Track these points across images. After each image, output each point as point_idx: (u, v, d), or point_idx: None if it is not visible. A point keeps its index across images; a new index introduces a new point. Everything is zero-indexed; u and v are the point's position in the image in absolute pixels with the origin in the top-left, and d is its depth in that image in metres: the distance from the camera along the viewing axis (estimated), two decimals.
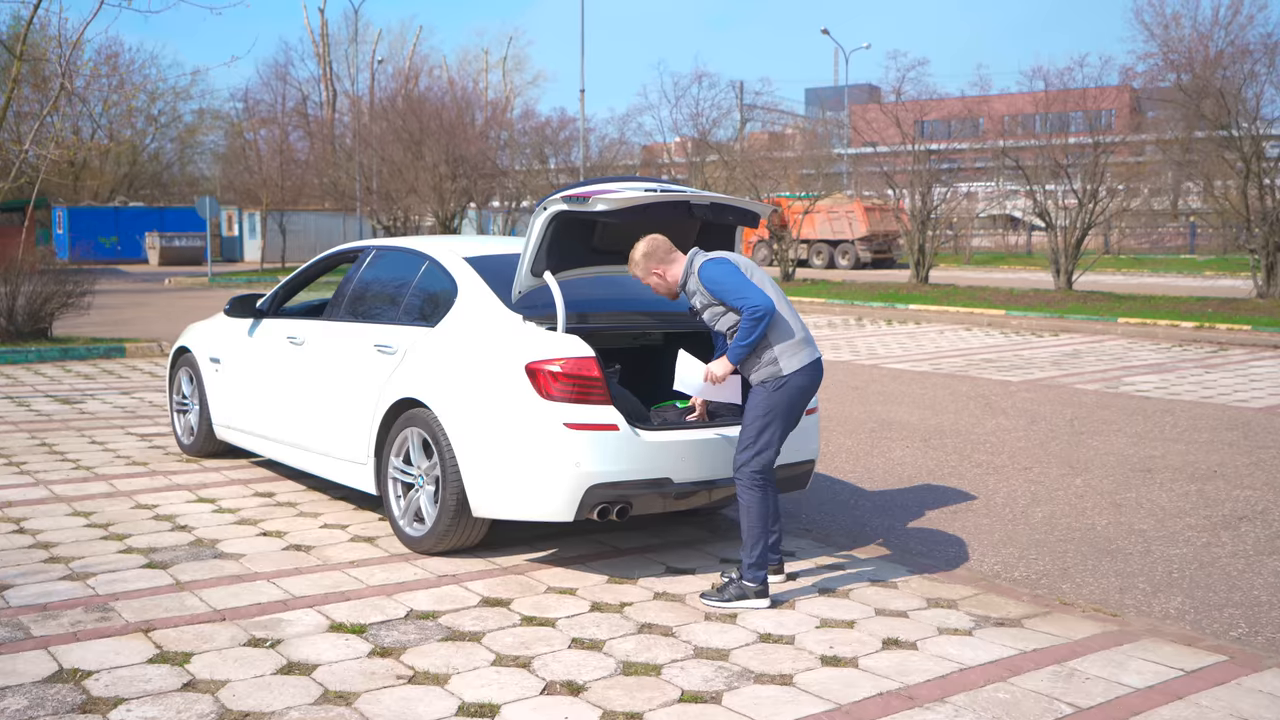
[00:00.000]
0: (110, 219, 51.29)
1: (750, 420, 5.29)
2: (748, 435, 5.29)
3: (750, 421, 5.28)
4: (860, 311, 23.64)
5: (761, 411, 5.26)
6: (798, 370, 5.29)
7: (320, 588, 5.38)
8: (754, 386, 5.30)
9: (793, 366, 5.27)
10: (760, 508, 5.28)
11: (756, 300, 5.15)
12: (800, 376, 5.30)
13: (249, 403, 7.61)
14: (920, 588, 5.59)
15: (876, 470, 8.42)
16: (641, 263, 5.47)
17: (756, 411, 5.27)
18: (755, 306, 5.13)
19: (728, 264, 5.31)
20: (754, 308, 5.13)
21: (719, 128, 35.89)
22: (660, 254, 5.45)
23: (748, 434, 5.29)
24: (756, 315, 5.13)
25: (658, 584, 5.57)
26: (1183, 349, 16.81)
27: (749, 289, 5.19)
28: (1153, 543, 6.54)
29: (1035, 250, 47.63)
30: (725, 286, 5.23)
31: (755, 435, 5.27)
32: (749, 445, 5.28)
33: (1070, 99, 26.92)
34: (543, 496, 5.50)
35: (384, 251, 7.08)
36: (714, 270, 5.28)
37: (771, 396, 5.25)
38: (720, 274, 5.26)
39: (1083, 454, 8.98)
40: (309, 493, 7.31)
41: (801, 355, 5.32)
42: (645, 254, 5.46)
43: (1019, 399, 11.82)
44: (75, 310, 15.76)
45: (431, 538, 5.87)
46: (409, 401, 6.04)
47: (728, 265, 5.30)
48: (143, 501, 6.99)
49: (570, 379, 5.45)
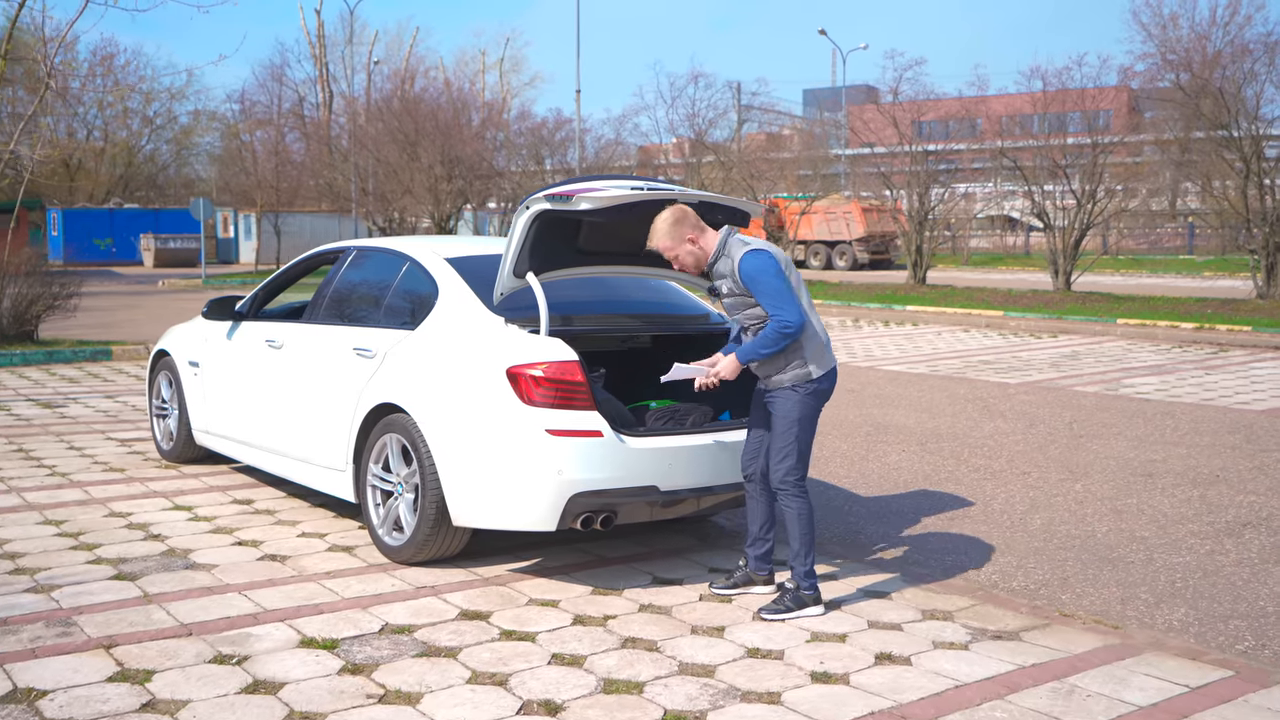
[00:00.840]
0: (105, 221, 51.03)
1: (784, 427, 5.10)
2: (784, 442, 5.10)
3: (785, 428, 5.09)
4: (857, 313, 23.46)
5: (796, 416, 5.08)
6: (825, 374, 5.14)
7: (293, 600, 5.19)
8: (780, 391, 5.10)
9: (822, 369, 5.12)
10: (809, 513, 5.15)
11: (790, 316, 4.92)
12: (827, 380, 5.16)
13: (228, 407, 7.42)
14: (915, 599, 5.41)
15: (872, 475, 8.23)
16: (671, 230, 5.10)
17: (791, 416, 5.08)
18: (787, 323, 4.92)
19: (771, 259, 5.02)
20: (786, 324, 4.92)
21: (715, 128, 35.75)
22: (693, 220, 5.14)
23: (783, 440, 5.10)
24: (787, 332, 4.93)
25: (644, 595, 5.38)
26: (1183, 350, 16.63)
27: (787, 299, 4.95)
28: (1155, 551, 6.36)
29: (1034, 251, 47.49)
30: (763, 286, 4.97)
31: (793, 440, 5.10)
32: (787, 452, 5.10)
33: (1068, 99, 26.71)
34: (524, 505, 5.31)
35: (365, 252, 6.89)
36: (755, 263, 4.99)
37: (804, 401, 5.08)
38: (761, 269, 4.97)
39: (1082, 458, 8.79)
40: (288, 500, 7.12)
41: (827, 358, 5.17)
42: (677, 220, 5.10)
43: (1017, 401, 11.63)
44: (62, 312, 15.56)
45: (411, 547, 5.69)
46: (388, 407, 5.85)
47: (771, 261, 5.01)
48: (117, 509, 6.80)
49: (553, 384, 5.26)
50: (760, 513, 5.39)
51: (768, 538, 5.40)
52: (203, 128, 65.14)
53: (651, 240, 5.20)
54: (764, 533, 5.39)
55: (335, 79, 65.56)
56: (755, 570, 5.42)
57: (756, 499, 5.38)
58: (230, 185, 54.07)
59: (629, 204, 5.36)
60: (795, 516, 5.14)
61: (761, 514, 5.39)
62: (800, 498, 5.14)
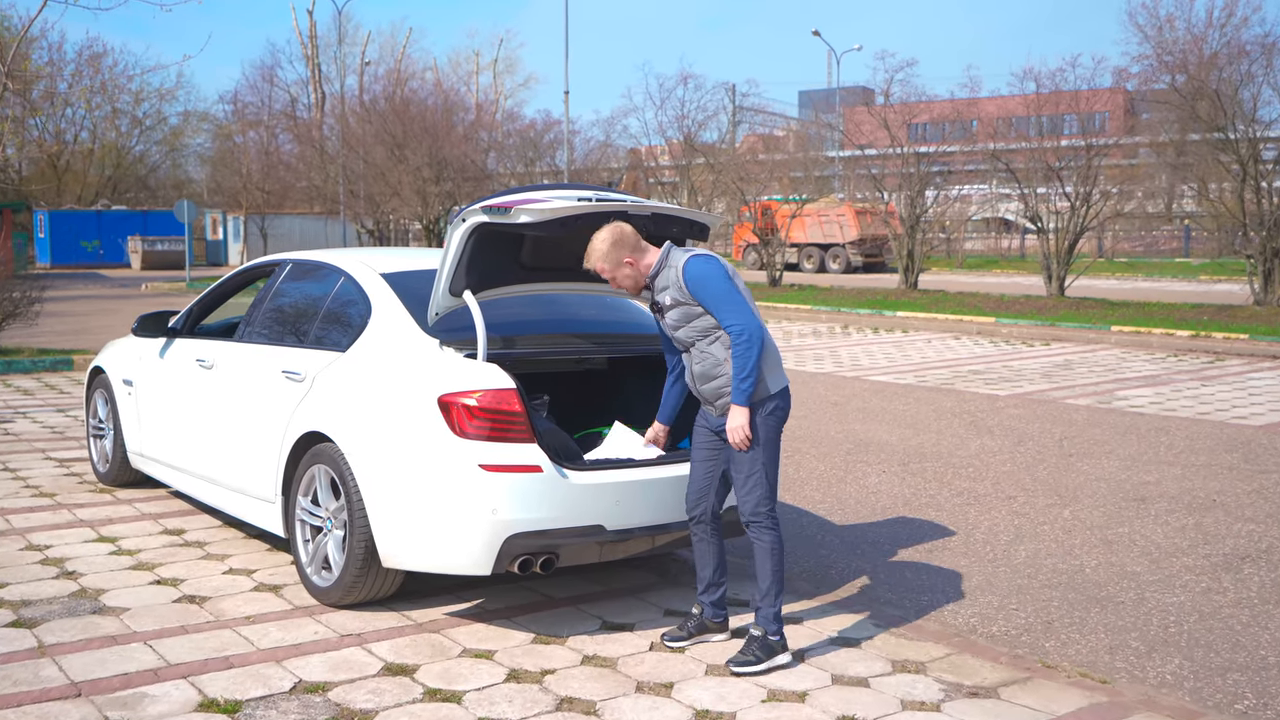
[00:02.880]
0: (92, 222, 50.49)
1: (747, 454, 4.62)
2: (749, 470, 4.62)
3: (748, 456, 4.62)
4: (847, 319, 23.01)
5: (760, 439, 4.61)
6: (781, 390, 4.68)
7: (203, 651, 4.73)
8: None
9: (778, 384, 4.66)
10: (781, 547, 4.70)
11: (744, 320, 4.47)
12: (784, 398, 4.68)
13: (160, 430, 6.96)
14: (886, 646, 4.95)
15: (848, 500, 7.78)
16: (609, 253, 4.71)
17: (754, 441, 4.61)
18: (742, 328, 4.46)
19: (718, 263, 4.62)
20: (740, 330, 4.46)
21: (705, 130, 35.27)
22: (632, 241, 4.74)
23: (748, 468, 4.62)
24: (744, 338, 4.45)
25: (589, 644, 4.93)
26: (1178, 359, 16.20)
27: (738, 303, 4.52)
28: (1147, 588, 5.91)
29: (1029, 254, 47.09)
30: (711, 290, 4.55)
31: (759, 467, 4.62)
32: (755, 481, 4.63)
33: (1062, 100, 26.26)
34: (456, 547, 4.85)
35: (299, 266, 6.42)
36: (701, 268, 4.58)
37: (765, 422, 4.61)
38: (707, 275, 4.56)
39: (1072, 480, 8.35)
40: (222, 530, 6.66)
41: (780, 372, 4.71)
42: (615, 242, 4.71)
43: (1006, 416, 11.19)
44: (23, 320, 15.08)
45: (338, 589, 5.23)
46: (315, 435, 5.40)
47: (718, 265, 4.60)
48: (35, 541, 6.34)
49: (487, 414, 4.80)
50: (711, 556, 4.92)
51: (721, 582, 4.94)
52: (193, 128, 64.66)
53: (588, 260, 4.78)
54: (717, 577, 4.93)
55: (328, 79, 65.06)
56: (710, 618, 4.95)
57: (706, 541, 4.90)
58: (221, 187, 53.59)
59: (573, 216, 4.90)
60: (768, 551, 4.67)
61: (713, 557, 4.92)
62: (773, 530, 4.68)
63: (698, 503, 4.87)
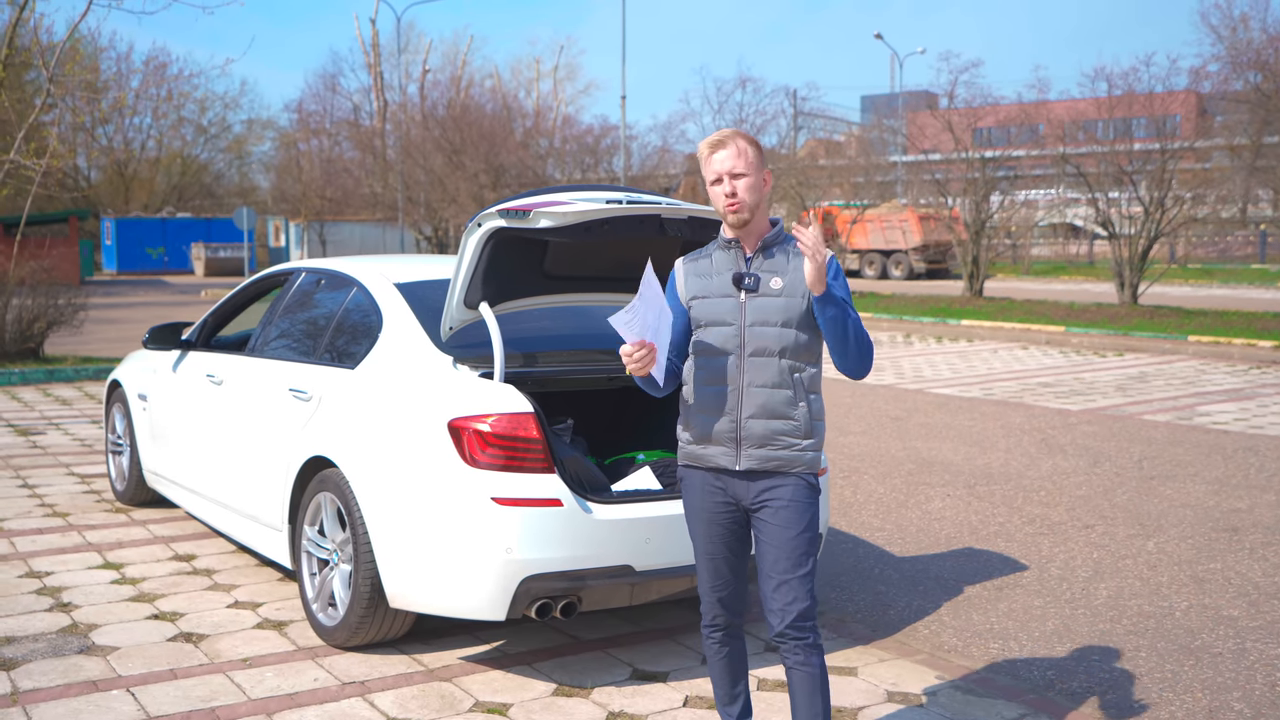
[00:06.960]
0: (157, 230, 51.03)
1: (799, 535, 3.39)
2: (798, 563, 3.39)
3: (800, 538, 3.39)
4: (909, 328, 22.28)
5: (813, 517, 3.44)
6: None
7: (188, 701, 4.29)
8: (790, 478, 3.42)
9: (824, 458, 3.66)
10: (826, 675, 3.49)
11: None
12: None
13: (173, 449, 6.57)
14: (951, 705, 4.38)
15: (910, 528, 7.19)
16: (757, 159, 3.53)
17: (806, 517, 3.42)
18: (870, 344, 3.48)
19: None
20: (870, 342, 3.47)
21: (764, 134, 34.63)
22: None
23: (798, 560, 3.39)
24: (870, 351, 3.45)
25: (616, 698, 4.41)
26: (1261, 372, 15.32)
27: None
28: (1247, 637, 5.26)
29: (1097, 260, 45.84)
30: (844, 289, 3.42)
31: (809, 560, 3.42)
32: (803, 578, 3.39)
33: (1135, 103, 25.31)
34: (467, 588, 4.36)
35: (312, 275, 5.98)
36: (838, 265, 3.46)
37: (819, 497, 3.51)
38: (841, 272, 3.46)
39: (1154, 506, 7.68)
40: (234, 557, 6.24)
41: None
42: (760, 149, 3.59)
43: (1079, 433, 10.49)
44: (69, 328, 14.91)
45: (344, 630, 4.76)
46: (322, 460, 4.94)
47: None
48: (37, 568, 5.96)
49: (501, 440, 4.30)
50: (734, 666, 3.72)
51: (743, 692, 3.77)
52: (256, 136, 65.30)
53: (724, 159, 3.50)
54: (741, 689, 3.76)
55: (390, 87, 65.30)
56: None
57: (728, 646, 3.68)
58: (284, 194, 53.94)
59: (600, 220, 4.40)
60: (818, 682, 3.44)
61: (735, 667, 3.72)
62: (821, 648, 3.47)
63: (732, 602, 3.60)
